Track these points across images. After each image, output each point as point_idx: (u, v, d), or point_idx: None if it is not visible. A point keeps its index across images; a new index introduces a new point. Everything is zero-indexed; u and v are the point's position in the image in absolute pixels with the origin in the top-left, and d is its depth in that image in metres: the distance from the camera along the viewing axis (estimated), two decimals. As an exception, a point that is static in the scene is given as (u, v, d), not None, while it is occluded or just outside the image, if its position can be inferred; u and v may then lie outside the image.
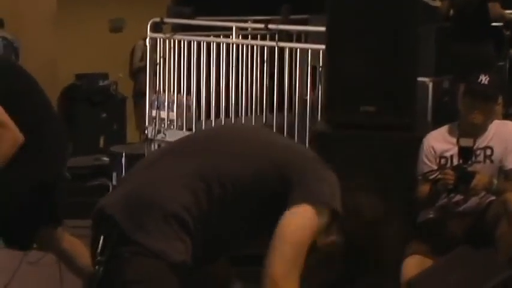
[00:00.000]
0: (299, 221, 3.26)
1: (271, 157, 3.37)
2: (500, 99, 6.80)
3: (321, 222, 3.31)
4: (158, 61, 11.56)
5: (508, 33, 10.43)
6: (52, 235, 5.82)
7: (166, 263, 3.17)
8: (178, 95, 11.28)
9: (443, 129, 6.59)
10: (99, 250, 3.23)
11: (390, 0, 6.56)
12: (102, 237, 3.23)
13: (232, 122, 10.16)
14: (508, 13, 10.17)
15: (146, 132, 11.76)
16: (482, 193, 6.35)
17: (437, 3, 10.10)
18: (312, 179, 3.35)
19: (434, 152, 6.47)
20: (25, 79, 5.80)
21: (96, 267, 3.23)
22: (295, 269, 3.21)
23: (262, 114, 10.25)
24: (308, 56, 9.52)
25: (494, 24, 10.25)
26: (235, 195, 3.28)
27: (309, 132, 8.83)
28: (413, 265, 6.26)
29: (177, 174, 3.29)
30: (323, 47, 7.82)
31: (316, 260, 3.38)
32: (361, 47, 6.58)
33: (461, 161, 6.35)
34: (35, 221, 5.63)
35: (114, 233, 3.20)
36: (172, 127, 11.17)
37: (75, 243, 5.90)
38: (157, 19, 11.73)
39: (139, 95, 14.00)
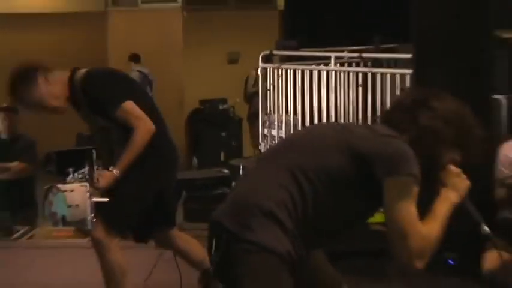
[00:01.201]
0: (398, 209, 3.13)
1: (347, 145, 3.27)
2: None
3: (415, 193, 3.17)
4: (268, 87, 11.59)
5: None
6: (168, 235, 5.86)
7: (272, 254, 3.13)
8: (286, 116, 11.28)
9: (517, 140, 6.52)
10: (213, 250, 3.24)
11: (468, 31, 6.49)
12: (214, 240, 3.23)
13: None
14: None
15: (260, 147, 11.80)
16: (553, 195, 6.25)
17: (509, 35, 9.98)
18: (390, 154, 3.21)
19: (509, 160, 6.39)
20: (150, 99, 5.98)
21: (212, 265, 3.25)
22: (419, 243, 3.13)
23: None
24: (397, 81, 9.44)
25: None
26: (322, 186, 3.21)
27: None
28: (492, 258, 6.17)
29: (270, 177, 3.25)
30: (410, 71, 7.78)
31: None
32: (443, 70, 6.51)
33: (534, 168, 6.28)
34: (154, 219, 5.70)
35: (224, 235, 3.19)
36: (282, 143, 11.18)
37: (190, 241, 5.95)
38: (267, 52, 11.76)
39: (253, 117, 14.02)
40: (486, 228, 4.36)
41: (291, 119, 11.11)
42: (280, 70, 11.36)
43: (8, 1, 16.29)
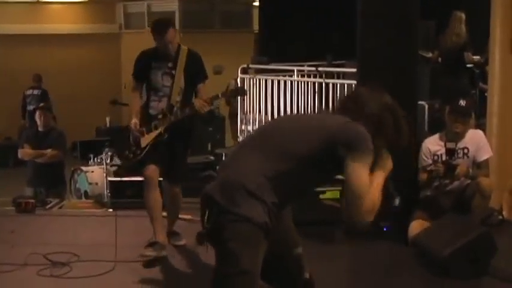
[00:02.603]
0: (358, 176, 3.13)
1: (317, 131, 3.26)
2: (473, 116, 6.75)
3: (368, 164, 3.17)
4: (246, 93, 11.61)
5: (477, 71, 10.34)
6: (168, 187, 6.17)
7: (253, 224, 3.12)
8: (259, 115, 11.31)
9: (436, 136, 6.54)
10: (205, 220, 3.24)
11: (399, 51, 6.52)
12: (207, 211, 3.23)
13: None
14: (476, 58, 10.12)
15: (238, 139, 11.82)
16: (462, 178, 6.30)
17: (430, 55, 10.08)
18: (350, 136, 3.21)
19: (430, 151, 6.42)
20: None
21: (204, 229, 3.22)
22: (370, 203, 3.15)
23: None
24: (345, 89, 9.48)
25: (468, 65, 10.17)
26: (294, 164, 3.19)
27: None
28: (417, 226, 6.22)
29: (252, 161, 3.22)
30: (355, 82, 7.81)
31: None
32: (381, 81, 6.52)
33: (447, 158, 6.32)
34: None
35: (215, 208, 3.20)
36: (255, 136, 11.20)
37: (176, 203, 6.29)
38: (245, 65, 11.78)
39: (233, 115, 14.02)
40: (397, 201, 4.44)
41: (263, 118, 11.14)
42: (254, 79, 11.39)
43: (36, 24, 16.19)
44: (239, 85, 11.79)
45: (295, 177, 3.22)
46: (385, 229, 6.61)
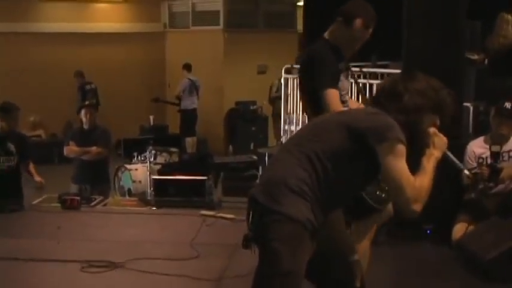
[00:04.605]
0: (392, 168, 3.14)
1: (346, 127, 3.26)
2: (519, 119, 6.68)
3: (401, 152, 3.16)
4: (289, 93, 11.63)
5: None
6: None
7: (296, 223, 3.13)
8: (303, 115, 11.30)
9: (480, 139, 6.51)
10: (250, 220, 3.27)
11: (445, 53, 6.49)
12: (251, 211, 3.26)
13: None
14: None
15: (281, 139, 11.84)
16: (507, 181, 6.25)
17: (475, 57, 9.97)
18: (378, 127, 3.21)
19: (474, 154, 6.40)
20: None
21: (249, 231, 3.24)
22: (414, 191, 3.13)
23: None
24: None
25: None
26: (330, 163, 3.20)
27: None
28: (460, 229, 6.20)
29: (293, 161, 3.24)
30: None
31: None
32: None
33: (492, 161, 6.29)
34: None
35: (258, 209, 3.21)
36: (298, 136, 11.21)
37: None
38: (289, 65, 11.78)
39: (276, 115, 14.06)
40: (467, 172, 4.40)
41: (306, 118, 11.14)
42: (298, 80, 11.39)
43: (81, 23, 16.39)
44: (282, 85, 11.83)
45: (334, 176, 3.23)
46: (428, 232, 6.60)
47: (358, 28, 4.54)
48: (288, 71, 11.78)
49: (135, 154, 9.91)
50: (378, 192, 4.04)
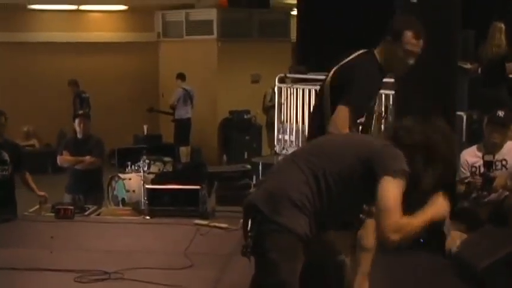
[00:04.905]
0: (386, 189, 3.17)
1: (356, 152, 3.33)
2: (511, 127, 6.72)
3: (401, 182, 3.19)
4: (283, 102, 11.64)
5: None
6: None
7: (294, 235, 3.16)
8: (296, 124, 11.33)
9: (473, 147, 6.54)
10: (249, 228, 3.26)
11: (438, 62, 6.50)
12: (250, 220, 3.26)
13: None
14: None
15: (275, 149, 11.85)
16: (500, 190, 6.27)
17: (468, 66, 10.00)
18: (385, 156, 3.27)
19: (467, 163, 6.42)
20: None
21: (248, 239, 3.26)
22: (398, 221, 3.15)
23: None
24: (382, 99, 9.46)
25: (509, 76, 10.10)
26: (335, 184, 3.25)
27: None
28: (454, 238, 6.20)
29: (297, 175, 3.28)
30: (393, 92, 7.81)
31: None
32: (419, 92, 6.52)
33: (485, 170, 6.30)
34: None
35: (258, 216, 3.22)
36: (292, 145, 11.22)
37: None
38: (282, 74, 11.81)
39: (270, 125, 14.08)
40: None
41: (300, 127, 11.15)
42: (292, 89, 11.41)
43: (75, 32, 16.40)
44: (276, 94, 11.85)
45: (336, 197, 3.26)
46: (421, 241, 6.60)
47: (409, 40, 4.41)
48: (281, 80, 11.81)
49: (129, 163, 9.89)
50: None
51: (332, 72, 4.50)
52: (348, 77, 4.34)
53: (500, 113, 6.38)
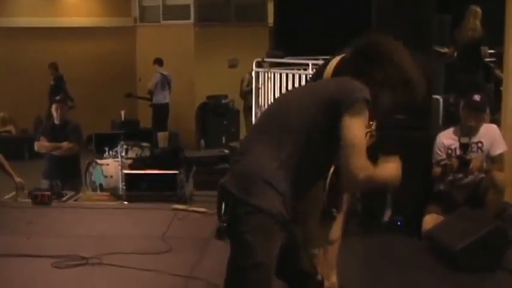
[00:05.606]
0: (349, 126, 3.07)
1: (314, 101, 3.22)
2: (487, 110, 6.76)
3: (365, 114, 3.12)
4: (260, 87, 11.62)
5: (492, 65, 10.33)
6: None
7: (269, 215, 3.10)
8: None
9: (450, 130, 6.57)
10: (222, 212, 3.24)
11: (415, 47, 6.51)
12: (223, 203, 3.23)
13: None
14: (491, 52, 10.09)
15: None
16: (476, 172, 6.32)
17: (445, 50, 10.04)
18: (341, 95, 3.16)
19: (444, 145, 6.45)
20: None
21: (222, 223, 3.25)
22: (364, 159, 3.06)
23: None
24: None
25: (484, 60, 10.16)
26: (302, 141, 3.16)
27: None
28: (430, 220, 6.25)
29: (263, 147, 3.20)
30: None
31: None
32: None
33: (461, 152, 6.34)
34: None
35: (231, 199, 3.20)
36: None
37: None
38: (259, 59, 11.78)
39: (247, 109, 14.05)
40: (387, 215, 4.38)
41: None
42: (269, 73, 11.39)
43: (51, 17, 16.29)
44: (253, 79, 11.83)
45: (304, 156, 3.19)
46: (398, 223, 6.65)
47: None
48: (258, 65, 11.76)
49: (107, 149, 9.85)
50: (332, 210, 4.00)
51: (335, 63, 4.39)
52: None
53: (477, 97, 6.43)
